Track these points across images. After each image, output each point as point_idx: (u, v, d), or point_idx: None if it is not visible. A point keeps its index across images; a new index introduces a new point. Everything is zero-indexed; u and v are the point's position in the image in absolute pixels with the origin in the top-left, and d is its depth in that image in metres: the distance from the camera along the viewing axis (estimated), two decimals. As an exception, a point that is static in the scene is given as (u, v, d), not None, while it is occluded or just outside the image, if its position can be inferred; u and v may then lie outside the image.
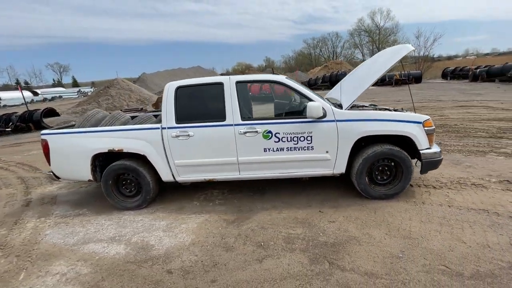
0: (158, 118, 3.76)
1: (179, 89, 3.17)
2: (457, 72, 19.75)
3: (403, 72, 19.23)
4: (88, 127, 3.53)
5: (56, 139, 3.31)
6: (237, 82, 3.11)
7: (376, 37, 44.82)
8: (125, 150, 3.18)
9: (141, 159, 3.28)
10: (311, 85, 20.89)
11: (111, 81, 19.81)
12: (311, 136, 2.99)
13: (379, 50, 44.95)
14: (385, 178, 3.11)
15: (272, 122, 3.03)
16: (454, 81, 18.70)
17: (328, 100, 3.34)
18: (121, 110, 14.52)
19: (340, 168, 3.09)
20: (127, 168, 3.25)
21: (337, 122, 2.95)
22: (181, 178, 3.28)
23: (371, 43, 47.90)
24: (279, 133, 3.01)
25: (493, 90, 12.89)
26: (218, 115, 3.10)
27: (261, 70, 64.04)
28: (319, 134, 2.98)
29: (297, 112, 3.17)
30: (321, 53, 60.76)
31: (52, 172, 3.45)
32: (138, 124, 3.54)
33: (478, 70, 16.68)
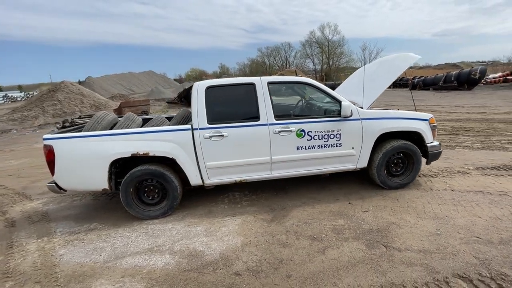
0: (172, 121, 3.57)
1: (208, 89, 3.09)
2: (398, 82, 22.95)
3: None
4: (100, 130, 3.16)
5: (65, 145, 2.88)
6: (269, 83, 3.17)
7: (326, 49, 48.82)
8: (151, 154, 2.94)
9: (165, 163, 3.08)
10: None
11: (56, 84, 17.54)
12: (339, 134, 3.22)
13: (328, 60, 49.11)
14: (399, 170, 3.50)
15: (305, 121, 3.17)
16: (397, 89, 21.57)
17: None
18: (80, 117, 12.99)
19: (362, 162, 3.38)
20: (152, 173, 3.00)
21: (361, 121, 3.24)
22: (210, 181, 3.16)
23: (321, 54, 52.01)
24: (311, 132, 3.17)
25: (431, 96, 15.31)
26: (251, 115, 3.11)
27: (217, 76, 63.87)
28: (347, 131, 3.23)
29: (324, 112, 3.37)
30: (274, 62, 63.39)
31: (55, 183, 2.98)
32: (155, 126, 3.31)
33: (416, 80, 19.71)
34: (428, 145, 3.43)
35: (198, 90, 3.07)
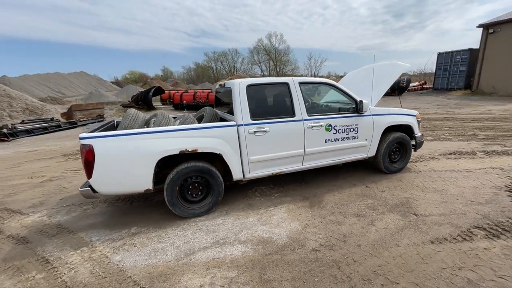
0: (204, 119, 3.58)
1: (249, 87, 3.25)
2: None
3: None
4: (137, 128, 2.98)
5: (107, 144, 2.64)
6: (300, 83, 3.50)
7: (273, 56, 51.57)
8: (199, 150, 2.94)
9: (207, 158, 3.10)
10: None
11: (-29, 83, 14.29)
12: (357, 127, 3.75)
13: (276, 67, 51.81)
14: (396, 157, 4.24)
15: (331, 116, 3.59)
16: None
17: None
18: (23, 121, 10.99)
19: (372, 152, 3.99)
20: (200, 169, 2.99)
21: (373, 116, 3.84)
22: (250, 175, 3.30)
23: (268, 61, 54.64)
24: (336, 126, 3.61)
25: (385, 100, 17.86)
26: (287, 111, 3.39)
27: (163, 79, 60.66)
28: (362, 125, 3.78)
29: (341, 109, 3.85)
30: (222, 67, 63.72)
31: (90, 187, 2.70)
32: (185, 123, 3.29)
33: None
34: (416, 135, 4.26)
35: (240, 88, 3.20)
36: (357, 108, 3.72)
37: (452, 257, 2.24)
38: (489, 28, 16.69)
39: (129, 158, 2.72)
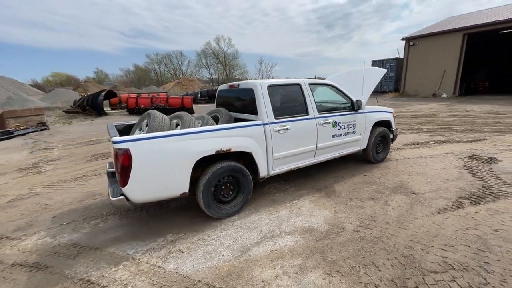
0: (222, 120, 3.59)
1: (270, 87, 3.39)
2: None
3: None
4: (166, 130, 2.83)
5: (145, 147, 2.45)
6: (309, 84, 3.80)
7: (222, 60, 51.63)
8: (233, 150, 2.95)
9: (235, 158, 3.14)
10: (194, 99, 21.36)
11: None
12: (354, 124, 4.25)
13: (226, 71, 51.90)
14: (380, 149, 4.91)
15: (335, 114, 3.98)
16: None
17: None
18: None
19: (364, 145, 4.55)
20: (233, 169, 3.00)
21: (365, 113, 4.40)
22: (273, 171, 3.44)
23: (216, 64, 54.44)
24: (340, 122, 4.03)
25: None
26: (301, 110, 3.65)
27: (99, 82, 54.54)
28: (358, 122, 4.30)
29: (339, 107, 4.29)
30: (166, 69, 60.83)
31: (124, 195, 2.47)
32: (207, 125, 3.27)
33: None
34: (393, 130, 5.02)
35: (262, 88, 3.32)
36: (353, 106, 4.23)
37: (457, 222, 2.81)
38: (410, 41, 20.12)
39: (167, 161, 2.59)
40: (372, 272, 2.14)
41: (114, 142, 2.38)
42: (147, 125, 3.09)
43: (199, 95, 21.46)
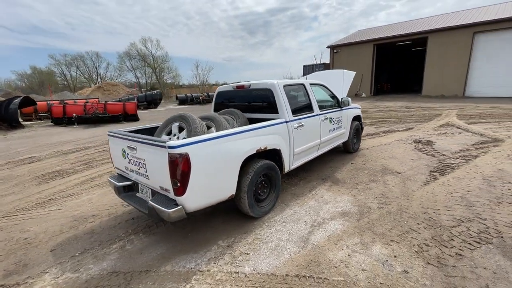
0: (239, 121, 3.56)
1: (285, 87, 3.57)
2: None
3: (204, 93, 23.72)
4: (202, 128, 2.69)
5: (202, 150, 2.28)
6: (310, 84, 4.14)
7: (151, 63, 47.92)
8: (268, 148, 3.01)
9: (266, 155, 3.21)
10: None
11: None
12: (341, 119, 4.82)
13: (156, 74, 48.29)
14: (355, 140, 5.67)
15: (330, 111, 4.44)
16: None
17: None
18: None
19: (346, 137, 5.18)
20: (268, 166, 3.05)
21: (347, 110, 5.04)
22: (293, 166, 3.63)
23: (143, 68, 50.17)
24: (333, 118, 4.52)
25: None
26: (308, 108, 3.95)
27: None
28: (343, 117, 4.89)
29: (327, 105, 4.78)
30: (80, 73, 52.61)
31: (182, 206, 2.25)
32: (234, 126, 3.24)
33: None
34: (362, 123, 5.87)
35: (280, 88, 3.47)
36: (338, 104, 4.80)
37: (441, 189, 3.61)
38: (334, 49, 23.20)
39: (220, 163, 2.48)
40: (416, 235, 2.59)
41: (172, 147, 2.15)
42: (179, 128, 2.83)
43: (136, 100, 19.51)
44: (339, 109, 4.75)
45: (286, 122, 3.40)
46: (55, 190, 4.35)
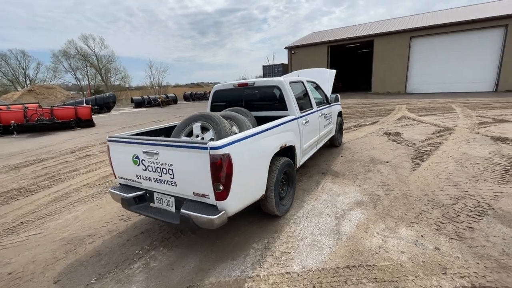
0: (249, 120, 3.45)
1: (290, 84, 3.58)
2: (196, 96, 27.11)
3: (162, 95, 22.44)
4: (229, 128, 2.53)
5: (242, 149, 2.15)
6: (307, 81, 4.23)
7: (95, 62, 43.28)
8: (287, 145, 2.99)
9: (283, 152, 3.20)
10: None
11: None
12: (331, 114, 5.05)
13: (101, 75, 43.83)
14: (339, 134, 6.00)
15: (324, 107, 4.62)
16: (198, 102, 25.50)
17: None
18: None
19: (334, 132, 5.46)
20: (288, 163, 3.02)
21: (334, 105, 5.29)
22: (301, 163, 3.68)
23: (84, 68, 45.05)
24: (326, 114, 4.70)
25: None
26: (308, 104, 4.04)
27: None
28: (332, 113, 5.13)
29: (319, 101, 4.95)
30: (0, 74, 44.77)
31: (225, 211, 2.08)
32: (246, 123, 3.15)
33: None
34: (342, 117, 6.25)
35: (287, 85, 3.47)
36: (327, 100, 5.02)
37: (427, 173, 4.06)
38: (291, 50, 24.16)
39: (254, 163, 2.39)
40: (428, 215, 2.87)
41: (214, 148, 1.98)
42: (202, 129, 2.60)
43: (84, 103, 17.46)
44: (328, 105, 4.98)
45: (296, 118, 3.43)
46: (23, 212, 3.63)
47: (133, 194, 2.58)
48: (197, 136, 2.72)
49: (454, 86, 17.30)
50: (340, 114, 6.00)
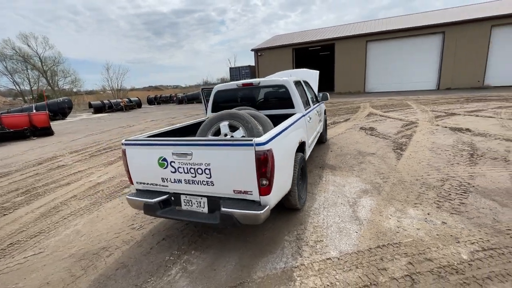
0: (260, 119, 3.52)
1: (294, 83, 3.74)
2: (161, 99, 25.85)
3: (125, 99, 21.05)
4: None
5: (279, 143, 2.24)
6: (303, 81, 4.44)
7: (38, 64, 38.56)
8: (302, 140, 3.14)
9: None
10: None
11: None
12: (321, 111, 5.35)
13: (46, 79, 39.22)
14: (325, 130, 6.36)
15: (316, 105, 4.88)
16: (164, 105, 24.37)
17: None
18: None
19: (322, 129, 5.78)
20: (303, 158, 3.17)
21: (322, 103, 5.62)
22: (306, 158, 3.86)
23: (25, 71, 39.93)
24: (318, 112, 4.98)
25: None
26: (306, 102, 4.26)
27: None
28: (321, 109, 5.44)
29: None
30: None
31: (268, 206, 2.13)
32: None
33: (181, 96, 23.92)
34: (326, 114, 6.64)
35: (291, 83, 3.63)
36: (317, 98, 5.33)
37: (411, 161, 4.57)
38: (258, 52, 24.59)
39: (286, 157, 2.49)
40: (426, 196, 3.27)
41: (260, 144, 2.03)
42: (230, 127, 2.58)
43: (34, 110, 15.56)
44: (318, 103, 5.28)
45: (304, 115, 3.61)
46: (7, 232, 3.19)
47: (158, 199, 2.47)
48: (225, 134, 2.72)
49: (405, 85, 19.39)
50: (325, 111, 6.38)
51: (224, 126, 2.73)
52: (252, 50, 24.91)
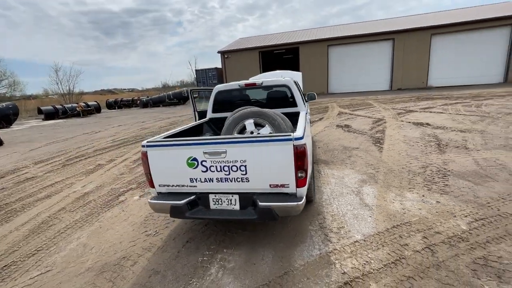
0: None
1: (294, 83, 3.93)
2: (122, 103, 24.07)
3: (82, 103, 19.29)
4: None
5: (306, 139, 2.35)
6: (295, 81, 4.67)
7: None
8: (311, 135, 3.33)
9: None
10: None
11: None
12: (308, 110, 5.65)
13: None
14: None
15: (307, 104, 5.15)
16: (126, 110, 22.76)
17: None
18: None
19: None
20: (312, 154, 3.36)
21: (308, 103, 5.93)
22: (307, 153, 4.09)
23: None
24: (307, 111, 5.26)
25: (177, 109, 19.21)
26: (303, 101, 4.48)
27: None
28: (308, 109, 5.75)
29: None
30: None
31: (304, 197, 2.26)
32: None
33: (145, 99, 22.56)
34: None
35: (293, 84, 3.82)
36: (304, 98, 5.62)
37: (392, 152, 5.11)
38: (224, 54, 24.54)
39: (310, 150, 2.63)
40: (416, 182, 3.72)
41: (298, 139, 2.15)
42: (255, 125, 2.62)
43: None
44: (307, 102, 5.58)
45: (306, 113, 3.82)
46: (14, 240, 2.78)
47: (186, 200, 2.43)
48: (251, 132, 2.77)
49: (363, 86, 21.18)
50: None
51: (249, 124, 2.79)
52: (218, 52, 24.77)
